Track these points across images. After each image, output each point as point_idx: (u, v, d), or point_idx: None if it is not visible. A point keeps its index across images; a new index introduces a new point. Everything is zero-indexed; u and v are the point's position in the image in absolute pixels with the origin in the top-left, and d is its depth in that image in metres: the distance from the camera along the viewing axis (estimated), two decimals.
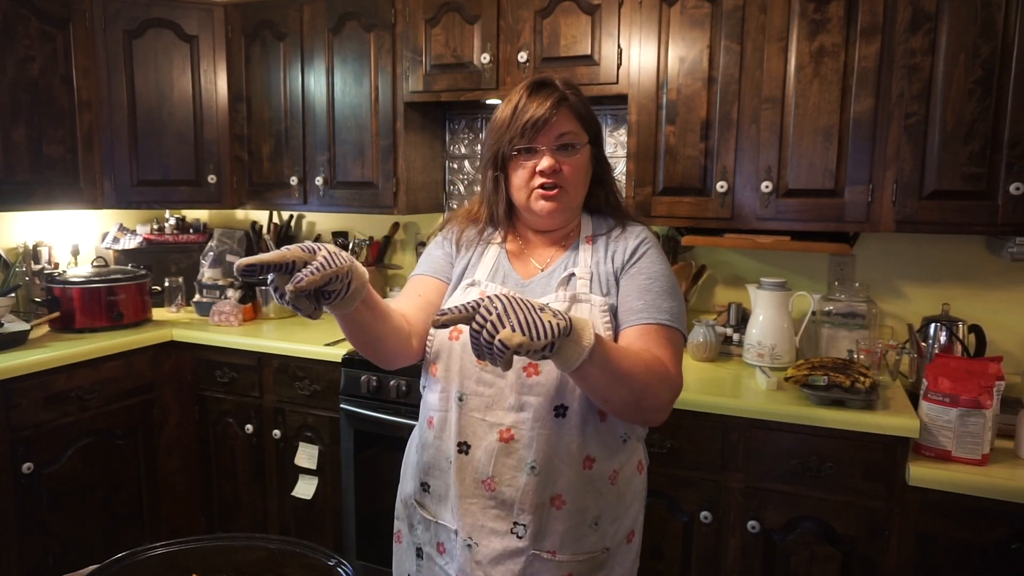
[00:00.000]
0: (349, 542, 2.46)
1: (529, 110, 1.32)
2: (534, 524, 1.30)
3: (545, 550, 1.30)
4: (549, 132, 1.33)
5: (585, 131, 1.37)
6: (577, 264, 1.38)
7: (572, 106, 1.35)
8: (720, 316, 2.41)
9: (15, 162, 2.48)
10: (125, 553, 1.11)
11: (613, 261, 1.37)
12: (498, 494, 1.30)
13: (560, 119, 1.33)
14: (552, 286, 1.36)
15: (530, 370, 1.28)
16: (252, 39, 2.82)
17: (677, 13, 2.13)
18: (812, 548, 1.85)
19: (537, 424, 1.28)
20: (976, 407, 1.68)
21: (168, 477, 2.70)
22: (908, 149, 1.92)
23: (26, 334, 2.39)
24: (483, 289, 1.37)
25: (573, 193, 1.37)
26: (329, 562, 1.10)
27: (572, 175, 1.35)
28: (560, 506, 1.30)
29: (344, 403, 2.38)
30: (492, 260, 1.43)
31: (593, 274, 1.36)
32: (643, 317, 1.30)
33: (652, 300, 1.31)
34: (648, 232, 1.43)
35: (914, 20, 1.88)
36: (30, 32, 2.49)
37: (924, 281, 2.28)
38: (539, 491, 1.29)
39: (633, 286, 1.34)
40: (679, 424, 1.94)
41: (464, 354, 1.32)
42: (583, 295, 1.34)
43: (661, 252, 1.40)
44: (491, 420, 1.30)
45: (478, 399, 1.31)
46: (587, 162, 1.39)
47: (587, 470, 1.31)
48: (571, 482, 1.30)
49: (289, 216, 3.23)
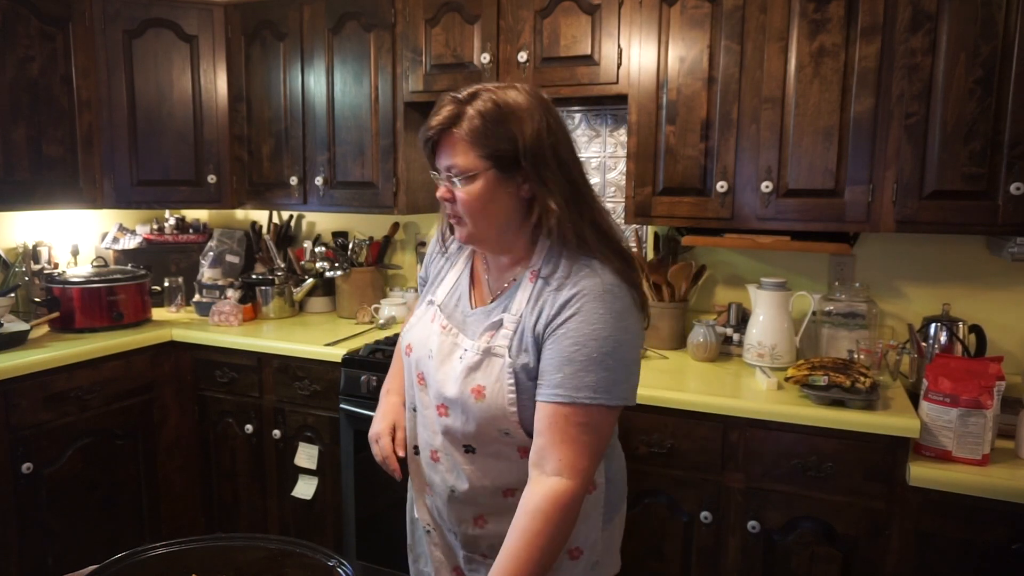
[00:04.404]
0: (349, 542, 2.46)
1: (423, 129, 1.22)
2: (462, 535, 1.36)
3: (479, 553, 1.35)
4: (439, 158, 1.23)
5: (483, 158, 1.18)
6: (510, 308, 1.25)
7: (461, 132, 1.18)
8: (720, 316, 2.41)
9: (15, 162, 2.48)
10: (125, 553, 1.11)
11: (539, 318, 1.20)
12: (435, 499, 1.38)
13: (445, 146, 1.21)
14: (483, 327, 1.27)
15: (442, 410, 1.29)
16: (252, 39, 2.82)
17: (677, 13, 2.13)
18: (812, 548, 1.85)
19: (451, 457, 1.31)
20: (976, 407, 1.68)
21: (168, 477, 2.70)
22: (908, 149, 1.92)
23: (26, 334, 2.39)
24: (434, 313, 1.35)
25: (473, 224, 1.23)
26: (329, 562, 1.10)
27: (465, 205, 1.21)
28: (483, 525, 1.33)
29: (344, 403, 2.38)
30: (455, 279, 1.38)
31: (520, 324, 1.22)
32: (558, 394, 1.15)
33: (573, 372, 1.14)
34: (595, 279, 1.19)
35: (914, 20, 1.88)
36: (30, 32, 2.49)
37: (924, 281, 2.28)
38: (460, 512, 1.34)
39: (555, 352, 1.17)
40: (679, 424, 1.94)
41: (411, 371, 1.37)
42: (498, 349, 1.22)
43: (605, 303, 1.17)
44: (427, 439, 1.35)
45: (422, 416, 1.36)
46: (486, 190, 1.20)
47: (507, 498, 1.28)
48: (492, 508, 1.31)
49: (289, 216, 3.23)
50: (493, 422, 1.22)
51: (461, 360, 1.25)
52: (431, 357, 1.30)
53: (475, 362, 1.23)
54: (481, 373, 1.22)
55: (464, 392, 1.23)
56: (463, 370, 1.24)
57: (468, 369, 1.24)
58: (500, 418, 1.22)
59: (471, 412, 1.23)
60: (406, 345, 1.38)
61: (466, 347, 1.26)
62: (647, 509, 2.01)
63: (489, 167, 1.19)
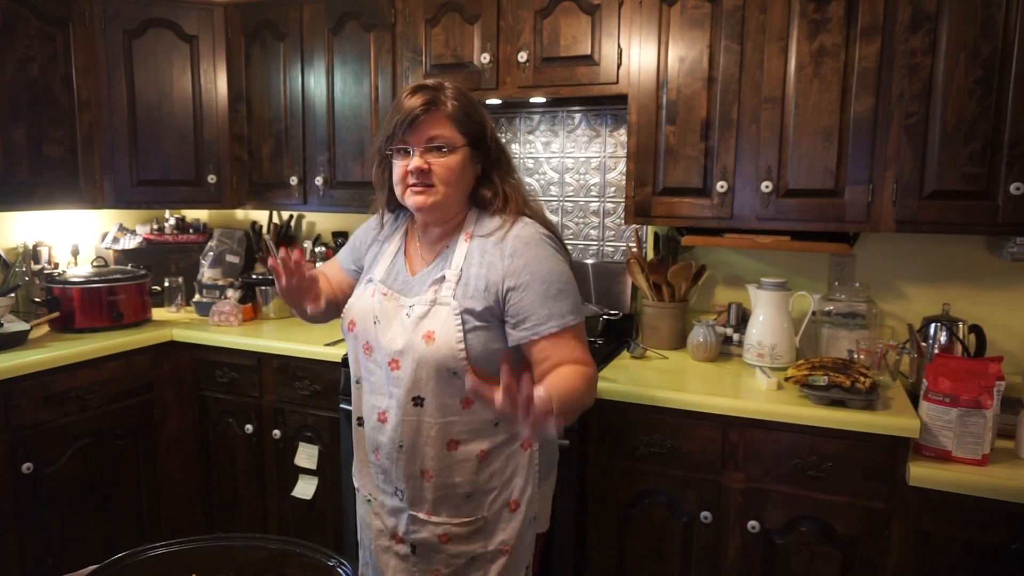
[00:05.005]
0: (349, 542, 2.46)
1: (402, 110, 1.40)
2: (409, 491, 1.47)
3: (422, 511, 1.47)
4: (419, 133, 1.40)
5: (462, 135, 1.41)
6: (451, 265, 1.45)
7: (445, 111, 1.40)
8: (720, 316, 2.41)
9: (15, 162, 2.48)
10: (125, 553, 1.11)
11: (490, 271, 1.41)
12: (381, 463, 1.50)
13: (430, 121, 1.39)
14: (426, 286, 1.46)
15: (393, 365, 1.43)
16: (252, 39, 2.82)
17: (677, 13, 2.13)
18: (812, 548, 1.85)
19: (400, 411, 1.43)
20: (976, 407, 1.68)
21: (168, 477, 2.70)
22: (908, 149, 1.92)
23: (26, 334, 2.39)
24: (375, 287, 1.52)
25: (444, 191, 1.42)
26: (329, 562, 1.10)
27: (443, 174, 1.41)
28: (429, 478, 1.45)
29: (344, 403, 2.37)
30: (391, 256, 1.56)
31: (462, 276, 1.43)
32: (552, 326, 1.38)
33: (554, 306, 1.39)
34: (529, 228, 1.44)
35: (914, 20, 1.88)
36: (30, 32, 2.49)
37: (924, 281, 2.28)
38: (408, 466, 1.46)
39: (531, 296, 1.39)
40: (679, 424, 1.94)
41: (355, 344, 1.52)
42: (443, 298, 1.42)
43: (544, 244, 1.42)
44: (373, 402, 1.50)
45: (367, 383, 1.52)
46: (462, 163, 1.42)
47: (451, 451, 1.44)
48: (436, 460, 1.44)
49: (289, 216, 3.23)
50: (443, 362, 1.38)
51: (408, 315, 1.43)
52: (377, 322, 1.47)
53: (423, 312, 1.42)
54: (429, 320, 1.41)
55: (414, 340, 1.40)
56: (413, 320, 1.42)
57: (418, 319, 1.41)
58: (449, 358, 1.38)
59: (423, 357, 1.39)
60: (348, 322, 1.53)
61: (411, 303, 1.44)
62: (647, 509, 2.01)
63: (464, 144, 1.42)
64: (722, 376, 2.12)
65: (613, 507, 2.04)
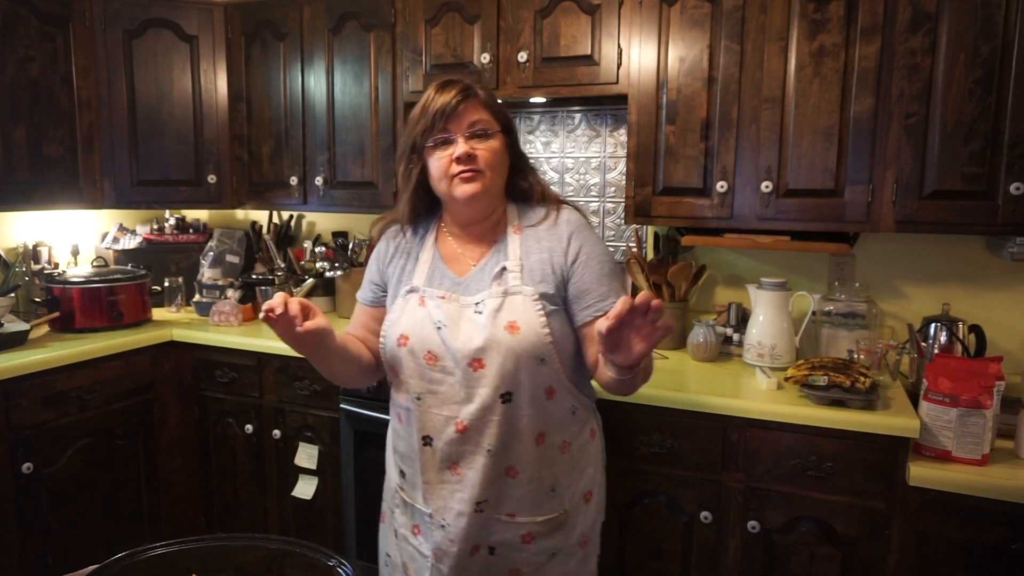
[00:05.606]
0: (349, 542, 2.46)
1: (438, 102, 1.40)
2: (493, 494, 1.43)
3: (505, 513, 1.44)
4: (460, 120, 1.40)
5: (497, 121, 1.44)
6: (508, 257, 1.44)
7: (480, 98, 1.42)
8: (720, 316, 2.41)
9: (15, 162, 2.48)
10: (125, 553, 1.11)
11: (552, 255, 1.44)
12: (463, 477, 1.43)
13: (469, 108, 1.40)
14: (486, 281, 1.44)
15: (476, 365, 1.38)
16: (252, 39, 2.82)
17: (677, 13, 2.13)
18: (812, 548, 1.85)
19: (487, 412, 1.39)
20: (976, 407, 1.68)
21: (168, 477, 2.70)
22: (908, 149, 1.92)
23: (26, 334, 2.39)
24: (422, 295, 1.46)
25: (491, 176, 1.42)
26: (329, 562, 1.10)
27: (489, 158, 1.41)
28: (515, 475, 1.43)
29: (344, 403, 2.38)
30: (427, 264, 1.50)
31: (524, 265, 1.43)
32: (612, 301, 1.40)
33: (610, 284, 1.45)
34: (575, 213, 1.51)
35: (914, 20, 1.88)
36: (30, 32, 2.49)
37: (924, 281, 2.28)
38: (495, 466, 1.42)
39: (590, 275, 1.43)
40: (679, 424, 1.94)
41: (413, 359, 1.44)
42: (514, 287, 1.41)
43: (590, 227, 1.50)
44: (447, 414, 1.42)
45: (433, 397, 1.43)
46: (503, 148, 1.44)
47: (540, 445, 1.43)
48: (524, 455, 1.42)
49: (289, 216, 3.23)
50: (531, 350, 1.37)
51: (479, 312, 1.40)
52: (441, 327, 1.41)
53: (497, 304, 1.39)
54: (506, 312, 1.39)
55: (496, 333, 1.37)
56: (487, 315, 1.39)
57: (493, 312, 1.39)
58: (537, 344, 1.38)
59: (509, 349, 1.37)
60: (399, 337, 1.45)
61: (477, 300, 1.41)
62: (647, 509, 2.01)
63: (499, 130, 1.44)
64: (722, 376, 2.12)
65: (613, 507, 2.04)
